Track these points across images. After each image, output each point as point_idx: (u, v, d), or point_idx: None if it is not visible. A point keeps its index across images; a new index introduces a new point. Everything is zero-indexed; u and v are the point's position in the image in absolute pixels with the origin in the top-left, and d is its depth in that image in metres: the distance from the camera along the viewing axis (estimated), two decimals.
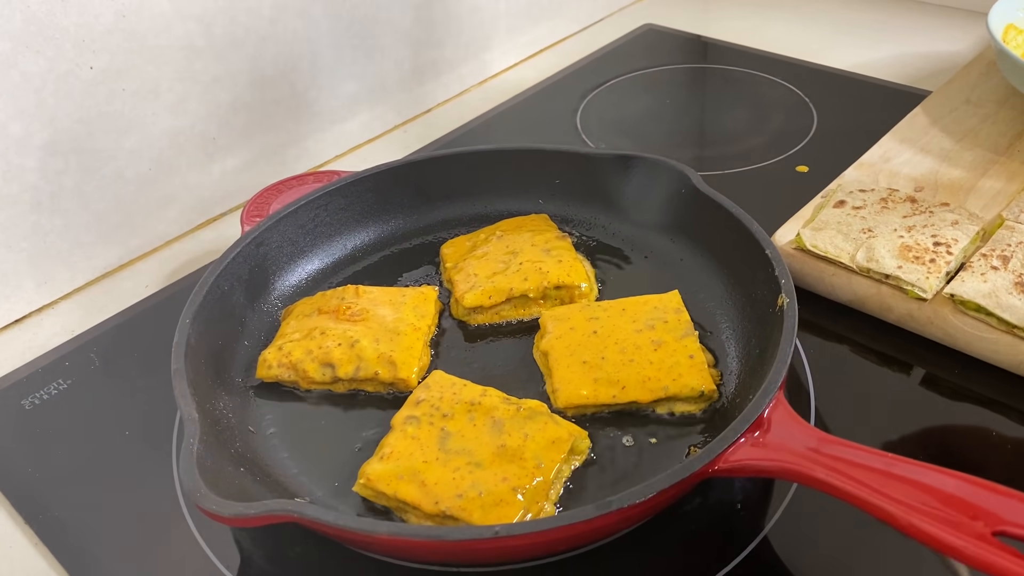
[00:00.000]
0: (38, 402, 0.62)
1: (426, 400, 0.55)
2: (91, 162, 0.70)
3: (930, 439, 0.55)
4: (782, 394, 0.48)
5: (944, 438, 0.56)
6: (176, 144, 0.75)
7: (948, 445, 0.56)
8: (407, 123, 0.94)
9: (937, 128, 0.77)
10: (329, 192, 0.69)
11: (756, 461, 0.45)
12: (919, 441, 0.55)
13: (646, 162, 0.69)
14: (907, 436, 0.55)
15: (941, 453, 0.54)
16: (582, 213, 0.72)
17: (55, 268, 0.71)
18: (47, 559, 0.52)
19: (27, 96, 0.65)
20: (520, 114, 0.93)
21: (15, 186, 0.66)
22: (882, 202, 0.66)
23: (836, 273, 0.62)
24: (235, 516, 0.44)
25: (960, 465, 0.52)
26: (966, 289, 0.57)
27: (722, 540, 0.50)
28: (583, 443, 0.53)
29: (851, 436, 0.54)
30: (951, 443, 0.56)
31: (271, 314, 0.65)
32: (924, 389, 0.59)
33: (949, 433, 0.56)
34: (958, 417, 0.57)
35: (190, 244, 0.78)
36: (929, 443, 0.55)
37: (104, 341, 0.67)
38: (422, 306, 0.63)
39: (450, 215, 0.73)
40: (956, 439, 0.56)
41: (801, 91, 0.92)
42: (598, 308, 0.61)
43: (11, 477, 0.57)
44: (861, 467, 0.43)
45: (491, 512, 0.48)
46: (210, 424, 0.52)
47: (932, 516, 0.40)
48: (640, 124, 0.90)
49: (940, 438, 0.56)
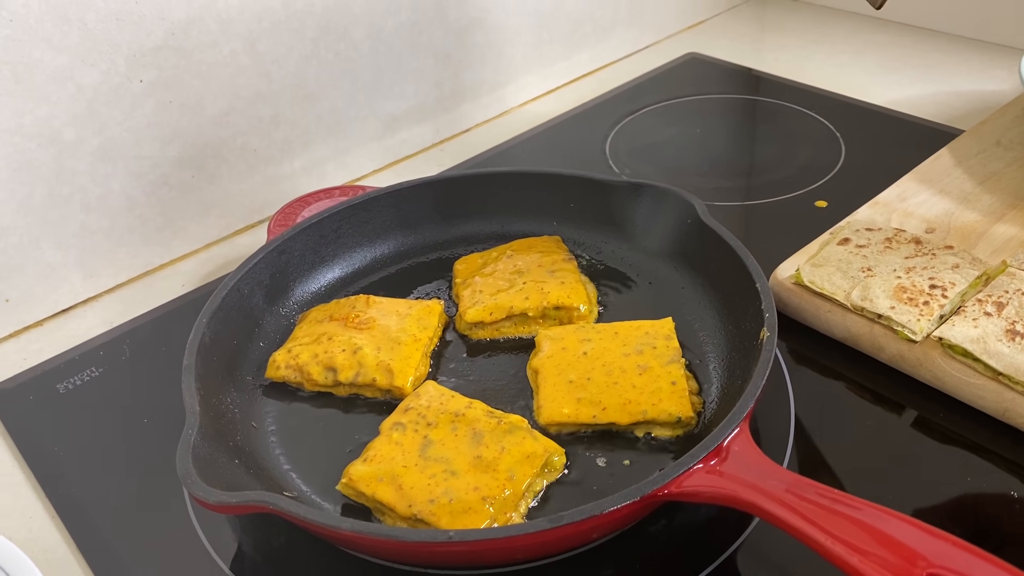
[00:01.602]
0: (71, 387, 0.67)
1: (414, 408, 0.58)
2: (138, 168, 0.75)
3: (911, 482, 0.56)
4: (746, 425, 0.50)
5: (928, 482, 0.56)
6: (219, 155, 0.80)
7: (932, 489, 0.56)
8: (444, 142, 0.98)
9: (961, 169, 0.77)
10: (352, 206, 0.73)
11: (708, 488, 0.46)
12: (899, 482, 0.55)
13: (655, 190, 0.71)
14: (886, 476, 0.56)
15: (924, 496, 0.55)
16: (593, 237, 0.74)
17: (100, 264, 0.77)
18: (60, 531, 0.57)
19: (81, 105, 0.70)
20: (553, 137, 0.96)
21: (67, 188, 0.72)
22: (887, 242, 0.66)
23: (832, 310, 0.63)
24: (218, 503, 0.48)
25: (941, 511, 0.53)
26: (955, 333, 0.57)
27: (686, 560, 0.51)
28: (559, 460, 0.55)
29: (829, 472, 0.56)
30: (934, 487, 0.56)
31: (288, 318, 0.69)
32: (914, 430, 0.59)
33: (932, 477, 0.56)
34: (945, 460, 0.57)
35: (227, 248, 0.83)
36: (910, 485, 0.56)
37: (138, 334, 0.72)
38: (426, 318, 0.66)
39: (467, 232, 0.76)
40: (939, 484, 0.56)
41: (833, 126, 0.92)
42: (592, 330, 0.63)
43: (39, 453, 0.62)
44: (808, 502, 0.44)
45: (459, 518, 0.50)
46: (213, 417, 0.56)
47: (870, 556, 0.41)
48: (668, 152, 0.92)
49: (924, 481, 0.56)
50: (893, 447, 0.58)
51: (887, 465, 0.57)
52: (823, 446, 0.58)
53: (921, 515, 0.53)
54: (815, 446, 0.58)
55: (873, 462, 0.57)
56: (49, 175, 0.71)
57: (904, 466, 0.57)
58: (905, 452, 0.58)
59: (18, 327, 0.74)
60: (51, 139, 0.70)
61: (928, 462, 0.57)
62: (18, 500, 0.59)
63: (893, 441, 0.58)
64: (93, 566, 0.54)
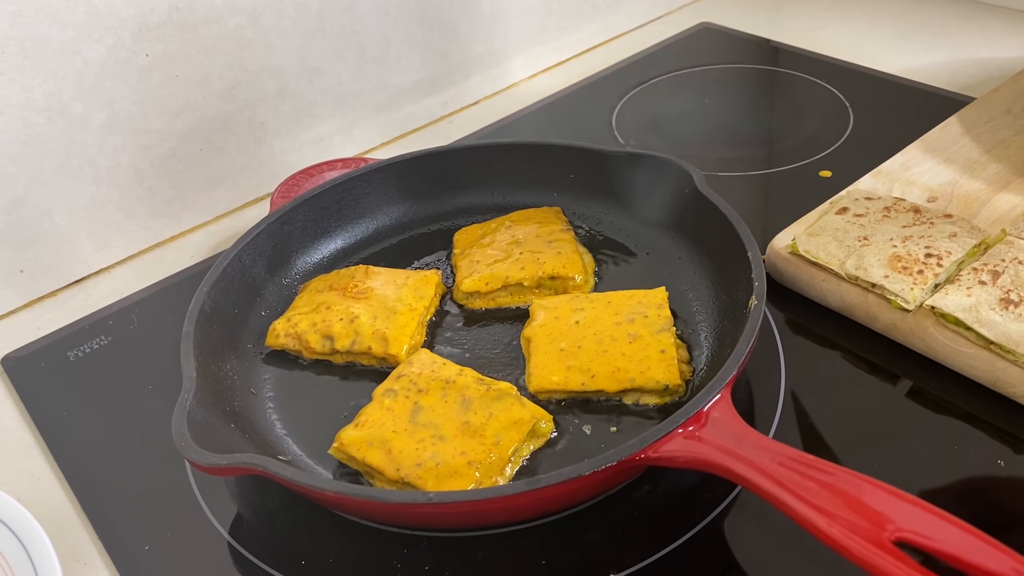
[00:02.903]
0: (80, 355, 0.69)
1: (406, 375, 0.59)
2: (146, 141, 0.77)
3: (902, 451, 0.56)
4: (727, 392, 0.50)
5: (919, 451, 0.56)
6: (226, 128, 0.81)
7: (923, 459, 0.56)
8: (452, 115, 0.98)
9: (968, 137, 0.76)
10: (354, 178, 0.74)
11: (685, 453, 0.47)
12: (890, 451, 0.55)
13: (654, 161, 0.71)
14: (877, 445, 0.56)
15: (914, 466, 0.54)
16: (593, 208, 0.74)
17: (112, 236, 0.79)
18: (67, 492, 0.59)
19: (88, 80, 0.72)
20: (560, 109, 0.96)
21: (77, 160, 0.74)
22: (885, 211, 0.65)
23: (826, 279, 0.63)
24: (209, 465, 0.49)
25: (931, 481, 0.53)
26: (947, 302, 0.57)
27: (670, 524, 0.52)
28: (546, 426, 0.56)
29: (820, 441, 0.56)
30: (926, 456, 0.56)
31: (289, 287, 0.70)
32: (908, 400, 0.59)
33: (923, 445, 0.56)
34: (938, 429, 0.57)
35: (236, 220, 0.85)
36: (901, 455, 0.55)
37: (146, 304, 0.74)
38: (422, 288, 0.67)
39: (468, 204, 0.77)
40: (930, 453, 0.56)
41: (843, 95, 0.91)
42: (585, 300, 0.64)
43: (48, 418, 0.64)
44: (781, 466, 0.44)
45: (445, 482, 0.51)
46: (211, 383, 0.58)
47: (837, 519, 0.41)
48: (674, 124, 0.91)
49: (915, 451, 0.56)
50: (886, 416, 0.58)
51: (879, 434, 0.57)
52: (815, 415, 0.58)
53: (910, 485, 0.53)
54: (806, 415, 0.58)
55: (865, 431, 0.57)
56: (59, 148, 0.72)
57: (896, 435, 0.56)
58: (898, 421, 0.57)
59: (32, 297, 0.76)
60: (60, 113, 0.71)
61: (920, 431, 0.56)
62: (27, 462, 0.61)
63: (886, 410, 0.58)
64: (97, 528, 0.56)
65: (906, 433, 0.56)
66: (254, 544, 0.53)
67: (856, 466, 0.53)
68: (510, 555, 0.51)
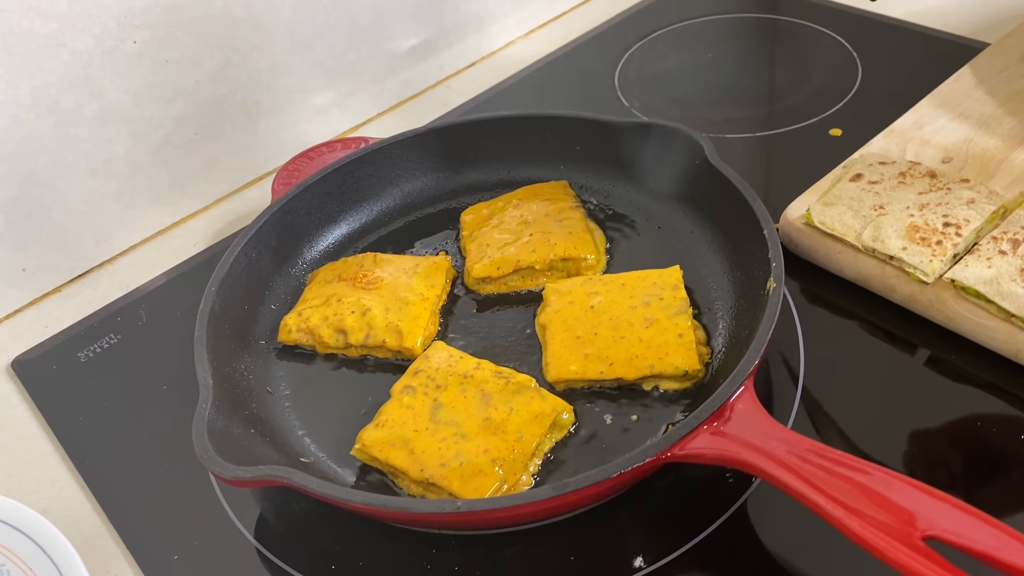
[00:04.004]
0: (92, 355, 0.68)
1: (423, 371, 0.58)
2: (140, 130, 0.75)
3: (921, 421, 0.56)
4: (751, 383, 0.50)
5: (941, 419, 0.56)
6: (220, 110, 0.79)
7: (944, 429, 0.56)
8: (449, 79, 0.96)
9: (982, 90, 0.74)
10: (356, 159, 0.72)
11: (711, 451, 0.47)
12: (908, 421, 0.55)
13: (662, 130, 0.69)
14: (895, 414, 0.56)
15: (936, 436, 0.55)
16: (601, 181, 0.73)
17: (112, 228, 0.77)
18: (90, 500, 0.59)
19: (76, 71, 0.69)
20: (561, 68, 0.94)
21: (71, 155, 0.72)
22: (900, 176, 0.64)
23: (843, 251, 0.62)
24: (234, 478, 0.49)
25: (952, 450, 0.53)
26: (967, 275, 0.56)
27: (694, 513, 0.52)
28: (567, 417, 0.56)
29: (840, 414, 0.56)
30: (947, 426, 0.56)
31: (297, 278, 0.69)
32: (927, 369, 0.59)
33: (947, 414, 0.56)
34: (958, 399, 0.57)
35: (237, 203, 0.83)
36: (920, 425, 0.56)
37: (153, 298, 0.73)
38: (433, 275, 0.66)
39: (473, 181, 0.75)
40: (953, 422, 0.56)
41: (850, 45, 0.88)
42: (599, 283, 0.63)
43: (65, 424, 0.64)
44: (809, 463, 0.44)
45: (469, 482, 0.51)
46: (228, 387, 0.57)
47: (868, 519, 0.41)
48: (678, 81, 0.89)
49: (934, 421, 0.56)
50: (904, 386, 0.58)
51: (897, 403, 0.57)
52: (833, 387, 0.58)
53: (929, 456, 0.53)
54: (826, 390, 0.58)
55: (883, 400, 0.57)
56: (52, 144, 0.71)
57: (916, 407, 0.56)
58: (916, 391, 0.57)
59: (36, 295, 0.75)
60: (49, 108, 0.69)
61: (940, 401, 0.56)
62: (47, 471, 0.61)
63: (905, 380, 0.58)
64: (124, 537, 0.56)
65: (926, 405, 0.56)
66: (282, 549, 0.54)
67: (877, 441, 0.54)
68: (539, 551, 0.51)
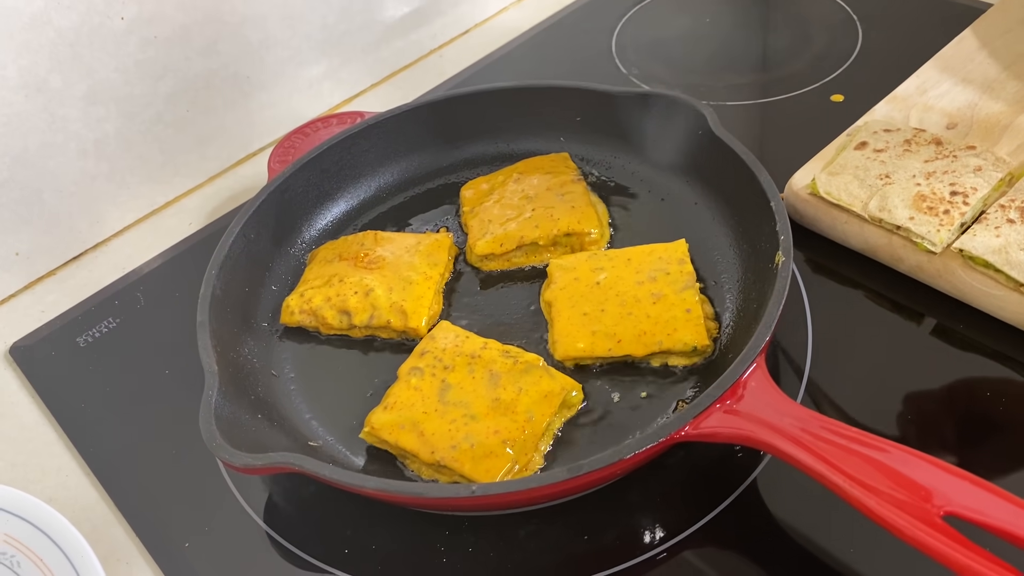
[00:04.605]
0: (91, 340, 0.68)
1: (430, 352, 0.58)
2: (130, 108, 0.73)
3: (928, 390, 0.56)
4: (762, 359, 0.49)
5: (950, 388, 0.56)
6: (211, 85, 0.78)
7: (953, 398, 0.56)
8: (442, 47, 0.94)
9: (985, 52, 0.73)
10: (352, 135, 0.71)
11: (725, 429, 0.47)
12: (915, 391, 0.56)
13: (665, 100, 0.68)
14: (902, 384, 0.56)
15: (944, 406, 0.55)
16: (602, 152, 0.72)
17: (105, 208, 0.76)
18: (96, 488, 0.58)
19: (63, 50, 0.68)
20: (557, 34, 0.92)
21: (61, 136, 0.70)
22: (905, 144, 0.64)
23: (849, 221, 0.62)
24: (244, 466, 0.49)
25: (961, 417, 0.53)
26: (976, 244, 0.56)
27: (707, 488, 0.52)
28: (576, 395, 0.55)
29: (849, 384, 0.56)
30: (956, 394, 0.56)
31: (297, 258, 0.68)
32: (933, 338, 0.59)
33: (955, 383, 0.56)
34: (966, 368, 0.57)
35: (231, 180, 0.82)
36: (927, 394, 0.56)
37: (150, 280, 0.72)
38: (435, 253, 0.65)
39: (472, 154, 0.74)
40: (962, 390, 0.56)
41: (849, 7, 0.87)
42: (604, 258, 0.62)
43: (67, 411, 0.63)
44: (824, 441, 0.44)
45: (481, 464, 0.51)
46: (232, 372, 0.56)
47: (884, 496, 0.41)
48: (677, 47, 0.88)
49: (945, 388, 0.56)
50: (911, 355, 0.58)
51: (904, 373, 0.57)
52: (841, 358, 0.58)
53: (937, 427, 0.53)
54: (832, 358, 0.58)
55: (890, 369, 0.57)
56: (41, 125, 0.69)
57: (921, 373, 0.56)
58: (923, 360, 0.57)
59: (31, 279, 0.74)
60: (37, 88, 0.68)
61: (946, 370, 0.56)
62: (51, 459, 0.61)
63: (911, 349, 0.58)
64: (134, 526, 0.55)
65: (934, 375, 0.56)
66: (293, 533, 0.54)
67: (886, 412, 0.54)
68: (552, 531, 0.51)
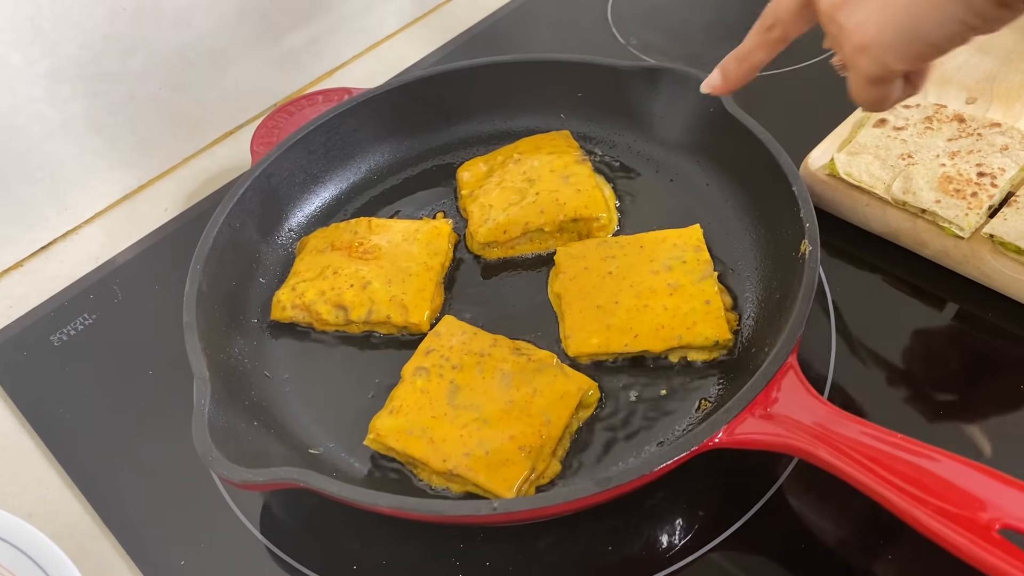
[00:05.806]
0: (65, 338, 0.63)
1: (436, 350, 0.54)
2: (99, 86, 0.68)
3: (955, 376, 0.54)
4: (795, 358, 0.47)
5: (972, 376, 0.54)
6: (185, 60, 0.72)
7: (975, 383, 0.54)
8: (426, 16, 0.89)
9: None
10: (340, 114, 0.67)
11: (761, 436, 0.44)
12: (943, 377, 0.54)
13: (674, 75, 0.64)
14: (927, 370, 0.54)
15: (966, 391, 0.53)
16: (606, 130, 0.68)
17: (74, 194, 0.71)
18: (80, 500, 0.55)
19: (23, 24, 0.62)
20: (548, 2, 0.87)
21: (22, 117, 0.65)
22: (927, 121, 0.61)
23: (870, 203, 0.59)
24: (244, 482, 0.45)
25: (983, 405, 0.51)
26: (1007, 229, 0.53)
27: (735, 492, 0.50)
28: (593, 394, 0.52)
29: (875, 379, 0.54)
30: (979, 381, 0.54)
31: (286, 247, 0.64)
32: (956, 324, 0.57)
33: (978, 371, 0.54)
34: (989, 355, 0.55)
35: (207, 162, 0.77)
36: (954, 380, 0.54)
37: (126, 272, 0.68)
38: (435, 242, 0.61)
39: (467, 133, 0.70)
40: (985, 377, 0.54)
41: None
42: (615, 245, 0.59)
43: (44, 416, 0.59)
44: (867, 448, 0.42)
45: (497, 472, 0.48)
46: (224, 376, 0.53)
47: (935, 508, 0.39)
48: (676, 14, 0.84)
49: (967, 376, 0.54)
50: (934, 341, 0.56)
51: (928, 359, 0.55)
52: (864, 347, 0.56)
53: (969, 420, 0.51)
54: (858, 352, 0.56)
55: (914, 356, 0.55)
56: (2, 106, 0.64)
57: (945, 360, 0.55)
58: (946, 346, 0.55)
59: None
60: None
61: (971, 356, 0.55)
62: (29, 469, 0.57)
63: (934, 335, 0.56)
64: (122, 541, 0.52)
65: (960, 361, 0.54)
66: (294, 547, 0.50)
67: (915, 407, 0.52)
68: (574, 542, 0.48)
